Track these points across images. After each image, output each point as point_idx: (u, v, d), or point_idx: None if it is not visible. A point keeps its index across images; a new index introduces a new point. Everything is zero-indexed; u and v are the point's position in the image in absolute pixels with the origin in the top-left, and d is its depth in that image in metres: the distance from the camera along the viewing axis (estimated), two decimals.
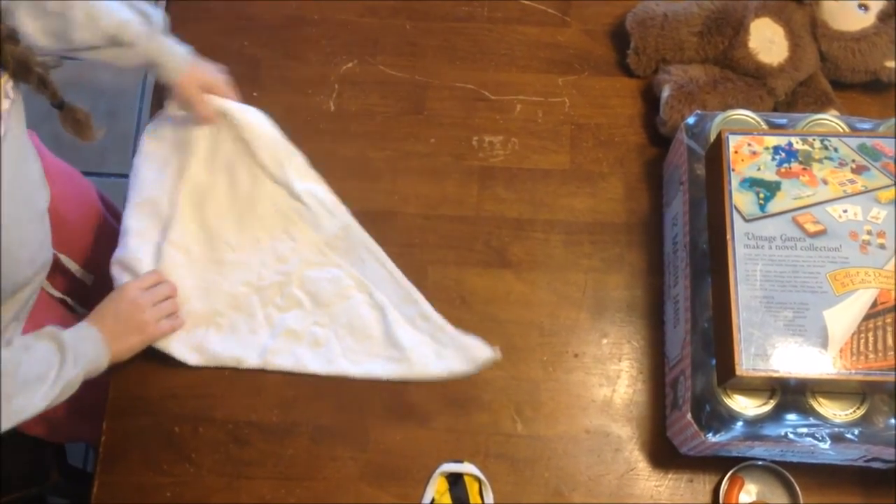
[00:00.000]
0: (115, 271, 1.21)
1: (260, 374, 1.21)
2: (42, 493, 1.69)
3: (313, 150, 1.31)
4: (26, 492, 1.64)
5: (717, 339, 1.06)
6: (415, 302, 1.23)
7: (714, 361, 1.06)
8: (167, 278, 1.21)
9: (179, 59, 1.20)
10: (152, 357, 1.19)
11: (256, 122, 1.26)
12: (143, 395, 1.20)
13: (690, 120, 1.20)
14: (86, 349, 1.09)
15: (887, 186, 1.08)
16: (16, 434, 1.35)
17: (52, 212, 1.14)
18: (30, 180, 1.06)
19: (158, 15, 1.18)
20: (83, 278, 1.32)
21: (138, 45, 1.16)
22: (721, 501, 1.13)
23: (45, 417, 1.35)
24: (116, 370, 1.16)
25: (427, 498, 1.15)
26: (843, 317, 1.01)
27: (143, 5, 1.17)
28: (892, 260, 1.04)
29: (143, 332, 1.16)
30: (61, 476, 1.69)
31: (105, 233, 1.36)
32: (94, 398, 1.19)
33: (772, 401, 1.04)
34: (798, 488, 1.12)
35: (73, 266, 1.28)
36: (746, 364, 1.00)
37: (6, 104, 0.97)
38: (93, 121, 1.09)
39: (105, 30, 1.13)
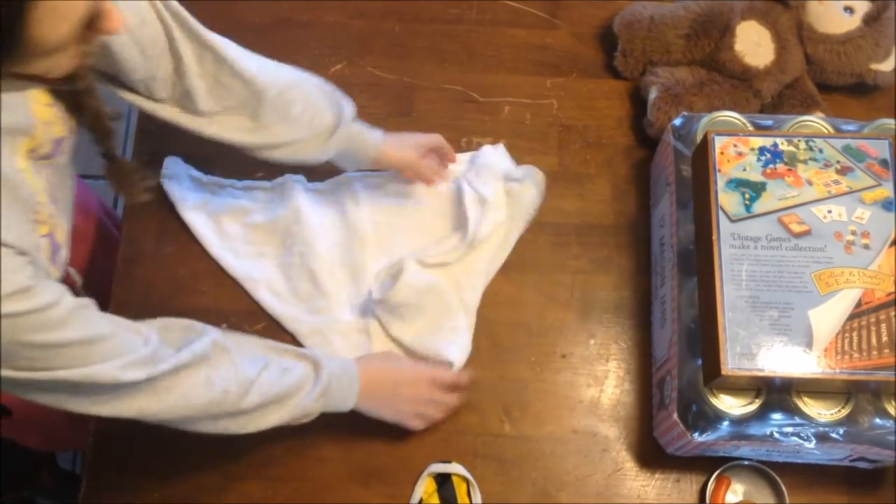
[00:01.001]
0: None
1: None
2: (32, 496, 1.69)
3: None
4: (17, 494, 1.64)
5: (703, 339, 1.07)
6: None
7: (700, 361, 1.07)
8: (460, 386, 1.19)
9: (372, 142, 1.22)
10: None
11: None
12: None
13: (677, 121, 1.21)
14: (337, 392, 1.07)
15: (871, 187, 1.08)
16: (6, 439, 1.35)
17: None
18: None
19: (350, 107, 1.19)
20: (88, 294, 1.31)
21: (333, 143, 1.17)
22: (708, 501, 1.14)
23: (38, 428, 1.35)
24: None
25: (415, 498, 1.15)
26: (828, 316, 1.02)
27: (339, 96, 1.18)
28: (877, 260, 1.04)
29: (397, 415, 1.14)
30: (52, 478, 1.69)
31: (104, 239, 1.34)
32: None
33: (757, 400, 1.05)
34: (784, 488, 1.13)
35: (78, 280, 1.25)
36: (732, 363, 1.01)
37: (71, 138, 0.97)
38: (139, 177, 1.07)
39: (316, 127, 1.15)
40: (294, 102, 1.12)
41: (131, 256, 1.27)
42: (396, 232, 1.29)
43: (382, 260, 1.26)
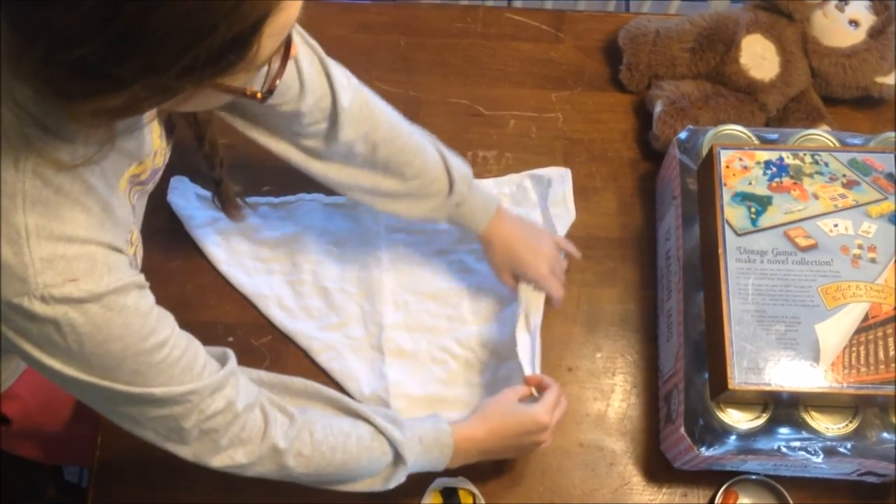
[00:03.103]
0: None
1: None
2: None
3: None
4: None
5: (709, 353, 1.07)
6: None
7: (707, 375, 1.07)
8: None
9: (481, 221, 1.19)
10: None
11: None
12: None
13: (682, 135, 1.21)
14: (424, 464, 1.04)
15: (878, 201, 1.08)
16: (12, 453, 1.35)
17: None
18: None
19: (465, 170, 1.17)
20: None
21: (440, 205, 1.16)
22: None
23: (38, 440, 1.35)
24: None
25: None
26: (835, 330, 1.02)
27: (452, 159, 1.15)
28: (884, 274, 1.04)
29: (519, 452, 1.13)
30: (58, 491, 1.69)
31: None
32: (93, 425, 1.19)
33: (764, 414, 1.05)
34: (791, 502, 1.12)
35: None
36: (739, 378, 1.00)
37: (163, 168, 0.98)
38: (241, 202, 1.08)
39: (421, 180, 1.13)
40: (409, 165, 1.12)
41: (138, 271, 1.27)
42: (413, 249, 1.29)
43: (397, 278, 1.27)
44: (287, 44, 0.76)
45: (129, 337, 0.79)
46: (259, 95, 0.77)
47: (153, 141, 0.91)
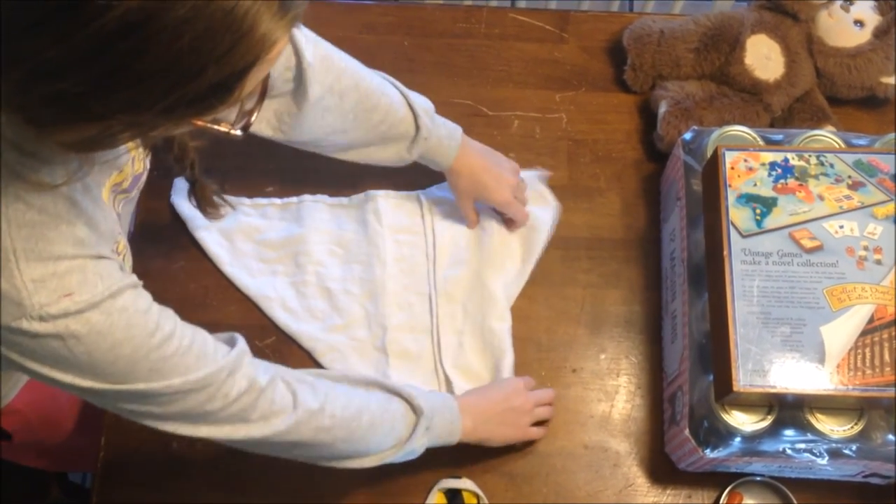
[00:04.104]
0: None
1: None
2: None
3: (312, 165, 1.32)
4: None
5: (714, 355, 1.06)
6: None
7: (712, 377, 1.06)
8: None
9: (449, 155, 1.21)
10: None
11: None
12: None
13: (687, 136, 1.21)
14: (441, 421, 1.07)
15: (883, 202, 1.08)
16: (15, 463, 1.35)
17: None
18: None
19: (427, 104, 1.19)
20: None
21: (410, 146, 1.18)
22: None
23: (40, 451, 1.35)
24: None
25: None
26: (840, 332, 1.02)
27: (414, 97, 1.17)
28: (889, 275, 1.04)
29: (516, 429, 1.15)
30: (61, 492, 1.69)
31: None
32: (98, 434, 1.19)
33: (769, 416, 1.04)
34: None
35: None
36: (744, 380, 1.00)
37: (145, 174, 0.98)
38: (219, 201, 1.09)
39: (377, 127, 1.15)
40: (375, 110, 1.13)
41: (142, 272, 1.26)
42: (417, 252, 1.29)
43: (401, 279, 1.26)
44: (265, 79, 0.76)
45: (136, 338, 0.79)
46: (232, 133, 0.77)
47: (129, 147, 0.91)
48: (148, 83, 0.63)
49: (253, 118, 0.80)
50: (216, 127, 0.76)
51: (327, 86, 1.10)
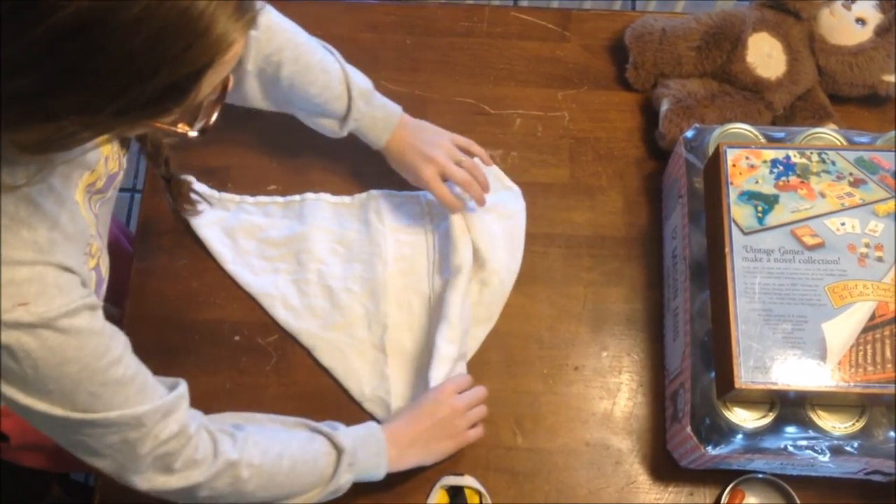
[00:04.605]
0: None
1: (260, 388, 1.21)
2: None
3: (315, 164, 1.32)
4: None
5: (716, 352, 1.07)
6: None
7: (713, 374, 1.07)
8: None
9: (381, 136, 1.22)
10: (156, 367, 1.20)
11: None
12: None
13: (689, 134, 1.21)
14: (364, 458, 1.05)
15: (885, 199, 1.08)
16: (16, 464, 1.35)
17: None
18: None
19: (365, 84, 1.20)
20: (104, 309, 1.31)
21: (341, 123, 1.19)
22: None
23: (38, 452, 1.35)
24: None
25: None
26: (842, 329, 1.02)
27: (353, 75, 1.19)
28: (890, 272, 1.04)
29: (450, 440, 1.13)
30: (63, 490, 1.69)
31: (117, 254, 1.34)
32: None
33: (771, 413, 1.05)
34: (798, 501, 1.12)
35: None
36: (745, 377, 1.00)
37: (121, 174, 0.98)
38: (195, 197, 1.08)
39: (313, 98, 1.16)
40: (313, 84, 1.14)
41: (145, 270, 1.27)
42: (418, 252, 1.29)
43: (401, 279, 1.27)
44: (224, 80, 0.76)
45: (84, 358, 0.79)
46: (190, 134, 0.77)
47: (101, 146, 0.90)
48: (101, 83, 0.63)
49: (212, 120, 0.79)
50: (173, 128, 0.76)
51: (264, 56, 1.10)
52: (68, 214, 0.82)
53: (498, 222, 1.28)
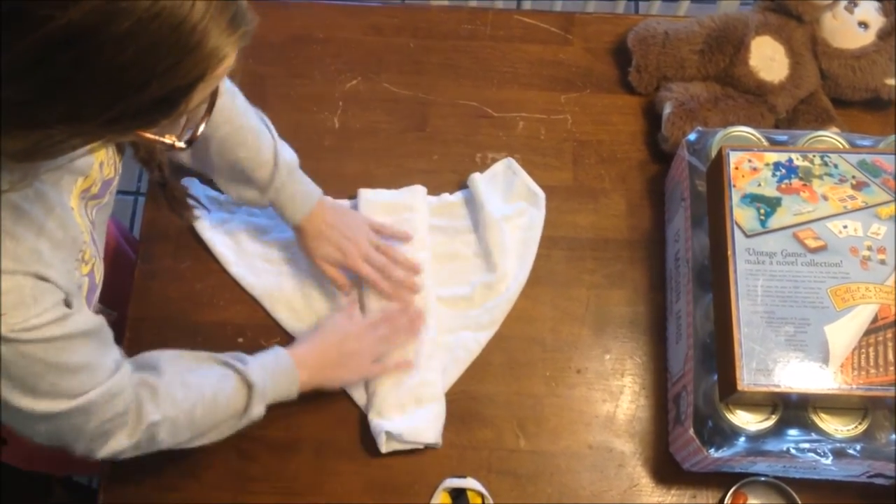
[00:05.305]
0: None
1: None
2: None
3: (318, 166, 1.32)
4: None
5: (718, 355, 1.07)
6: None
7: (716, 377, 1.07)
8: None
9: (298, 211, 1.20)
10: None
11: None
12: None
13: (692, 137, 1.21)
14: (274, 388, 1.08)
15: (887, 202, 1.08)
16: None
17: None
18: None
19: (291, 157, 1.18)
20: (103, 313, 1.31)
21: (262, 192, 1.18)
22: None
23: (38, 455, 1.35)
24: None
25: None
26: (844, 332, 1.02)
27: (281, 147, 1.17)
28: (893, 276, 1.04)
29: (353, 372, 1.16)
30: (66, 493, 1.70)
31: (119, 257, 1.35)
32: None
33: (774, 416, 1.05)
34: None
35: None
36: (748, 379, 1.00)
37: (117, 179, 0.98)
38: (191, 202, 1.09)
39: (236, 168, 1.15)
40: (243, 146, 1.13)
41: (148, 272, 1.28)
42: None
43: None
44: (213, 92, 0.76)
45: (49, 359, 0.80)
46: (177, 146, 0.77)
47: (96, 154, 0.90)
48: (90, 95, 0.63)
49: (199, 130, 0.79)
50: (160, 139, 0.76)
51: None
52: (57, 221, 0.82)
53: (514, 232, 1.29)
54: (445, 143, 1.36)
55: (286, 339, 1.24)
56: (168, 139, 0.77)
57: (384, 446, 1.16)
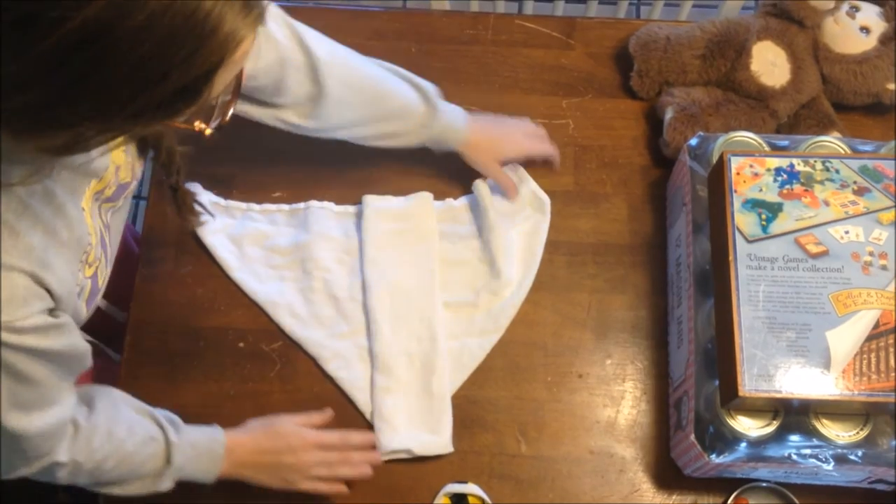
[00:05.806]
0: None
1: (263, 394, 1.22)
2: None
3: (321, 171, 1.33)
4: None
5: (720, 360, 1.07)
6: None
7: (717, 382, 1.07)
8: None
9: (459, 134, 1.24)
10: (160, 373, 1.20)
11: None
12: None
13: (693, 142, 1.21)
14: (193, 470, 1.06)
15: (889, 208, 1.08)
16: None
17: None
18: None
19: (432, 88, 1.22)
20: (111, 313, 1.31)
21: (417, 130, 1.21)
22: None
23: None
24: (124, 390, 1.16)
25: None
26: (846, 338, 1.02)
27: (419, 81, 1.22)
28: (894, 281, 1.04)
29: (283, 483, 1.11)
30: (68, 495, 1.69)
31: (130, 256, 1.35)
32: None
33: (775, 422, 1.04)
34: None
35: (101, 302, 1.21)
36: (749, 385, 1.00)
37: (133, 184, 0.98)
38: (199, 208, 1.09)
39: (386, 113, 1.19)
40: (390, 97, 1.18)
41: (150, 276, 1.28)
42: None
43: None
44: (238, 76, 0.76)
45: (16, 365, 0.80)
46: (208, 131, 0.78)
47: (113, 154, 0.90)
48: (112, 91, 0.63)
49: (228, 116, 0.79)
50: (189, 126, 0.76)
51: (342, 80, 1.12)
52: (65, 221, 0.82)
53: (520, 238, 1.29)
54: None
55: (287, 344, 1.24)
56: (198, 127, 0.77)
57: (387, 456, 1.16)
